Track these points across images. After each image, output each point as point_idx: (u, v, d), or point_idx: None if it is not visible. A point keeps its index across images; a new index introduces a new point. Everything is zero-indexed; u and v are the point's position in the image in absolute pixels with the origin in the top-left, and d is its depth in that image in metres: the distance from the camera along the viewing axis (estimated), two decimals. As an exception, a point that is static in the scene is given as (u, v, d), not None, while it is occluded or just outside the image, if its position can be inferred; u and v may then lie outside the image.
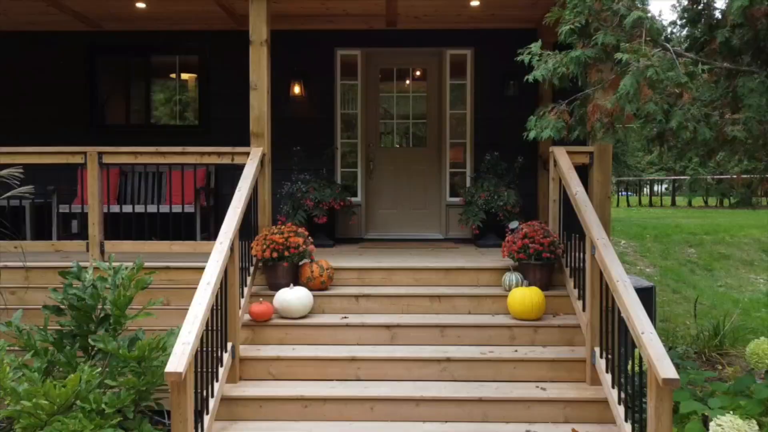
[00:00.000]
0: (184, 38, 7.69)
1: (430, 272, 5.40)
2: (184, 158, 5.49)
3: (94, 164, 5.41)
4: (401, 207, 7.87)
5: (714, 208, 23.66)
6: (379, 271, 5.41)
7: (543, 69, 4.16)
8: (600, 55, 3.69)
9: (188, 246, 5.48)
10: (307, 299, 4.86)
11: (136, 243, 5.52)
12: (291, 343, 4.77)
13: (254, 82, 5.48)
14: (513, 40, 7.62)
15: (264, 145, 5.49)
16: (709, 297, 9.91)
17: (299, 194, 6.85)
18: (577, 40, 4.00)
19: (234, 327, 4.40)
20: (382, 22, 7.24)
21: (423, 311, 5.08)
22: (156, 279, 5.34)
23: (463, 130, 7.72)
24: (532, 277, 5.07)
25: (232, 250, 4.36)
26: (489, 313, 5.05)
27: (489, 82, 7.60)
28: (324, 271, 5.11)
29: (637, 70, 3.26)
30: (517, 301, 4.79)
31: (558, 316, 4.98)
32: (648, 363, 3.32)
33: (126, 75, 7.84)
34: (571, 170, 5.11)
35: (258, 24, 5.45)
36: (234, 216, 4.54)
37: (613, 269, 3.94)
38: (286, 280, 5.08)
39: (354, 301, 5.10)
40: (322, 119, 7.66)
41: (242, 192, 4.83)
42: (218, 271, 3.97)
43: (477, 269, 5.39)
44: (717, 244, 13.27)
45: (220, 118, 7.56)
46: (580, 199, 4.69)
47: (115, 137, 7.60)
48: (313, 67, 7.64)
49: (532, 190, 7.46)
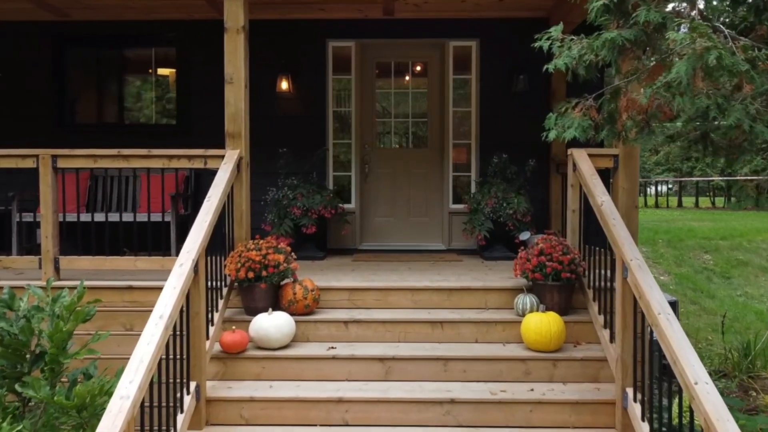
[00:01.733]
0: (160, 28, 7.00)
1: (430, 293, 4.71)
2: (149, 162, 4.80)
3: (48, 169, 4.73)
4: (399, 214, 7.16)
5: (722, 209, 23.01)
6: (372, 292, 4.72)
7: (566, 56, 3.48)
8: (640, 37, 2.99)
9: (155, 262, 4.79)
10: (288, 327, 4.17)
11: (95, 259, 4.84)
12: (269, 378, 4.08)
13: (230, 74, 4.80)
14: (522, 29, 6.94)
15: (241, 147, 4.80)
16: (730, 308, 9.28)
17: (285, 201, 6.16)
18: (608, 20, 3.31)
19: (199, 363, 3.71)
20: (378, 10, 6.54)
21: (423, 339, 4.39)
22: (118, 300, 4.74)
23: (468, 129, 7.02)
24: (549, 300, 4.38)
25: (196, 272, 3.68)
26: (499, 342, 4.36)
27: (496, 77, 6.90)
28: (308, 292, 4.42)
29: (693, 54, 2.56)
30: (532, 329, 4.10)
31: (579, 345, 4.29)
32: (704, 422, 2.63)
33: (98, 69, 7.14)
34: (594, 176, 4.42)
35: (234, 8, 4.76)
36: (200, 231, 3.86)
37: (653, 299, 3.25)
38: (264, 303, 4.40)
39: (343, 328, 4.41)
40: (312, 118, 6.97)
41: (212, 202, 4.15)
42: (175, 300, 3.28)
43: (484, 289, 4.70)
44: (734, 249, 12.65)
45: (201, 117, 6.85)
46: (607, 211, 4.00)
47: (85, 137, 6.91)
48: (303, 60, 6.95)
49: (544, 195, 6.76)
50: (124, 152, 4.77)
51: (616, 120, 3.64)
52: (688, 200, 25.93)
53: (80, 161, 4.80)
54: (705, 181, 26.56)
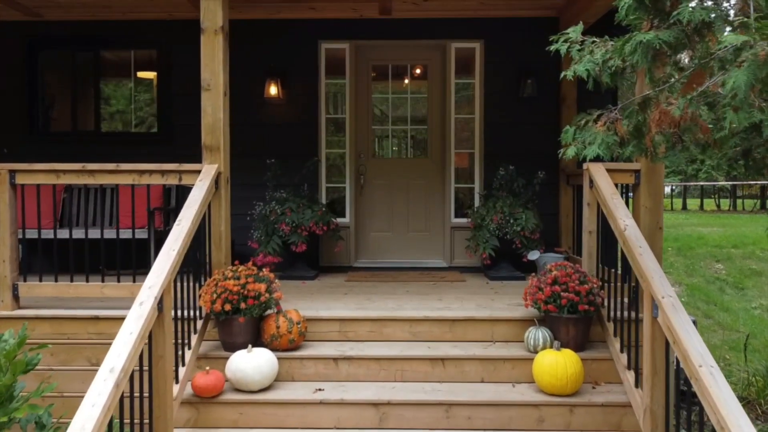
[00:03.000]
0: (140, 29, 6.50)
1: (430, 324, 4.22)
2: (117, 178, 4.31)
3: (5, 186, 4.25)
4: (397, 229, 6.66)
5: (727, 212, 22.52)
6: (366, 323, 4.23)
7: (588, 62, 3.00)
8: (681, 39, 2.51)
9: (124, 289, 4.30)
10: (269, 367, 3.68)
11: (58, 285, 4.36)
12: (247, 426, 3.59)
13: (207, 80, 4.31)
14: (530, 30, 6.50)
15: (220, 161, 4.32)
16: (745, 322, 8.78)
17: (273, 217, 5.66)
18: (638, 19, 2.83)
19: (165, 415, 3.22)
20: (374, 8, 6.05)
21: (422, 378, 3.90)
22: (83, 332, 4.25)
23: (471, 137, 6.52)
24: (563, 334, 3.89)
25: (161, 310, 3.19)
26: (508, 382, 3.88)
27: (501, 81, 6.40)
28: (294, 326, 3.93)
29: (754, 61, 2.07)
30: (546, 370, 3.60)
31: (599, 386, 3.80)
32: None
33: (73, 73, 6.63)
34: (615, 195, 3.93)
35: (211, 6, 4.27)
36: (166, 261, 3.37)
37: (692, 347, 2.76)
38: (243, 338, 3.91)
39: (332, 365, 3.93)
40: (303, 125, 6.47)
41: (182, 226, 3.66)
42: (130, 349, 2.79)
43: (491, 320, 4.21)
44: (747, 258, 12.16)
45: (184, 125, 6.35)
46: (632, 237, 3.51)
47: (60, 147, 6.45)
48: (294, 63, 6.45)
49: (553, 208, 6.27)
50: (89, 167, 4.28)
51: (644, 134, 3.16)
52: (692, 202, 25.40)
53: (41, 177, 4.32)
54: (709, 184, 26.04)
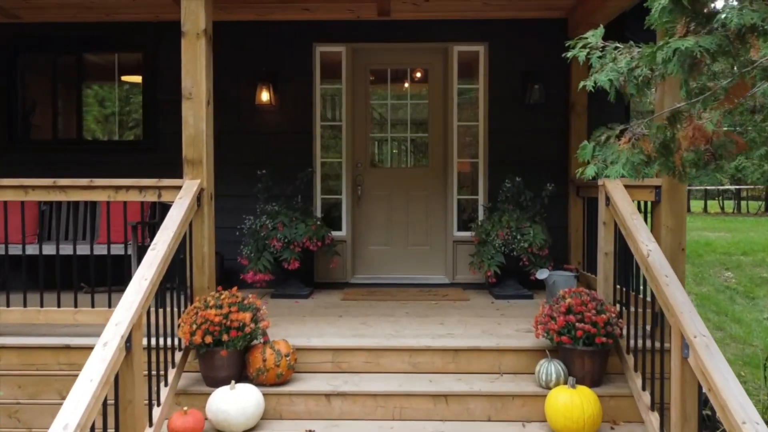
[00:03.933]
0: (125, 31, 6.14)
1: (432, 354, 3.87)
2: (91, 194, 3.96)
3: (-32, 203, 3.90)
4: (396, 243, 6.29)
5: (732, 215, 22.17)
6: (361, 353, 3.87)
7: (611, 70, 2.65)
8: (725, 47, 2.15)
9: (98, 315, 3.94)
10: (254, 407, 3.33)
11: (27, 311, 4.00)
12: (229, 473, 3.25)
13: (188, 88, 3.96)
14: (537, 32, 6.10)
15: (203, 176, 3.96)
16: (758, 335, 8.41)
17: (264, 232, 5.31)
18: (669, 22, 2.48)
19: (133, 465, 2.87)
20: (372, 10, 5.69)
21: (423, 417, 3.55)
22: (53, 362, 3.90)
23: (475, 145, 6.15)
24: (578, 368, 3.54)
25: (129, 349, 2.84)
26: (517, 421, 3.52)
27: (507, 86, 6.03)
28: (282, 358, 3.58)
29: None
30: (560, 412, 3.25)
31: (618, 427, 3.45)
32: None
33: (53, 78, 6.27)
34: (635, 216, 3.58)
35: (192, 7, 3.92)
36: (137, 293, 3.01)
37: (731, 398, 2.41)
38: (226, 372, 3.56)
39: (324, 402, 3.57)
40: (297, 133, 6.10)
41: (157, 251, 3.30)
42: (89, 400, 2.43)
43: (498, 350, 3.85)
44: (757, 266, 11.80)
45: (171, 132, 5.93)
46: (657, 264, 3.16)
47: (40, 156, 6.11)
48: (286, 67, 6.09)
49: (562, 221, 5.90)
50: (60, 182, 3.94)
51: (673, 152, 2.81)
52: (695, 204, 25.02)
53: (9, 193, 3.97)
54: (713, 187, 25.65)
